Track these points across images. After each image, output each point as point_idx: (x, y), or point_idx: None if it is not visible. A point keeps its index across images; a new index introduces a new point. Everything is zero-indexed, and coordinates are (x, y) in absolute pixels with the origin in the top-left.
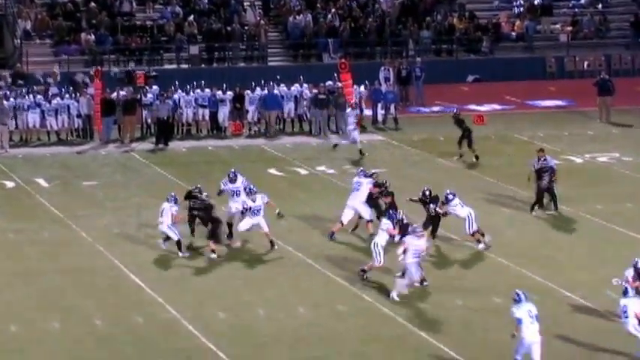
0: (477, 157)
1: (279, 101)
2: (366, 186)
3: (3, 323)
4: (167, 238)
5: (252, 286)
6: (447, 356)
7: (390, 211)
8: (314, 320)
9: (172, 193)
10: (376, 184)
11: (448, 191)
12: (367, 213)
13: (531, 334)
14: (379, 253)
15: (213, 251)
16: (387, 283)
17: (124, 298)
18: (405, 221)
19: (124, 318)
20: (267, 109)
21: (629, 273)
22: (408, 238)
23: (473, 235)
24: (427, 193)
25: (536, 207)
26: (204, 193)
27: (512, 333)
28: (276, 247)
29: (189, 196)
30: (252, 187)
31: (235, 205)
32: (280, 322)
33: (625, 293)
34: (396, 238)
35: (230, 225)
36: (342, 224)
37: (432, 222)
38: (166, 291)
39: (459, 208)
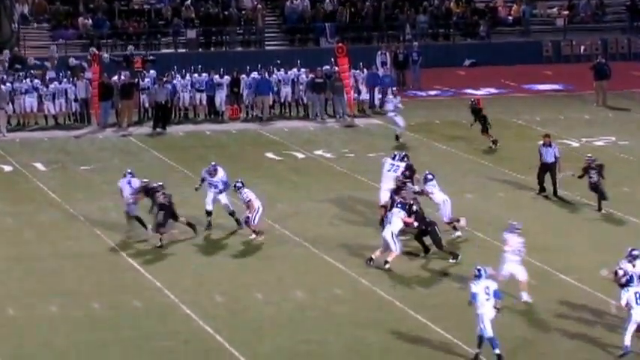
0: (495, 142)
1: (271, 86)
2: (400, 170)
3: (1, 307)
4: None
5: (250, 269)
6: (444, 340)
7: (401, 200)
8: (311, 304)
9: (129, 170)
10: (411, 168)
11: (428, 172)
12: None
13: (488, 309)
14: (396, 241)
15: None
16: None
17: (122, 282)
18: (416, 209)
19: (122, 302)
20: (259, 94)
21: (626, 265)
22: (509, 236)
23: (449, 223)
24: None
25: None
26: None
27: (468, 301)
28: (242, 226)
29: (150, 191)
30: (231, 182)
31: (212, 197)
32: (277, 305)
33: (630, 282)
34: (415, 224)
35: (209, 213)
36: (385, 208)
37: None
38: (164, 275)
39: (436, 191)
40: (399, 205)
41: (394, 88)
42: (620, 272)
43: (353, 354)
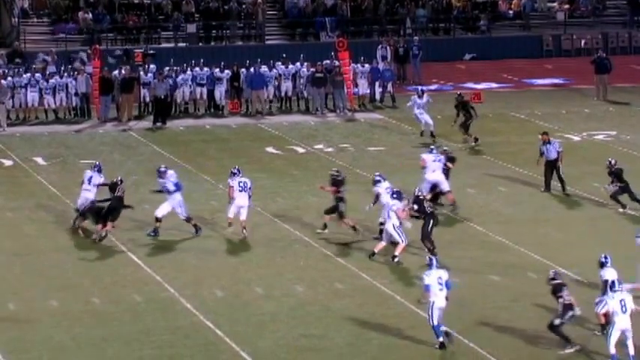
0: (476, 140)
1: (265, 81)
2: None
3: (1, 301)
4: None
5: (250, 264)
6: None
7: (398, 192)
8: (312, 299)
9: (98, 162)
10: (451, 160)
11: (377, 174)
12: (447, 184)
13: (440, 300)
14: (400, 233)
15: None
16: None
17: (122, 277)
18: (421, 197)
19: (123, 296)
20: (254, 89)
21: None
22: None
23: (382, 224)
24: (336, 173)
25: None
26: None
27: (418, 299)
28: (200, 230)
29: (113, 186)
30: (182, 183)
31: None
32: (278, 300)
33: (613, 287)
34: (407, 224)
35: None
36: (450, 192)
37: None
38: (164, 269)
39: (384, 193)
40: (394, 197)
41: (421, 89)
42: None
43: (353, 349)
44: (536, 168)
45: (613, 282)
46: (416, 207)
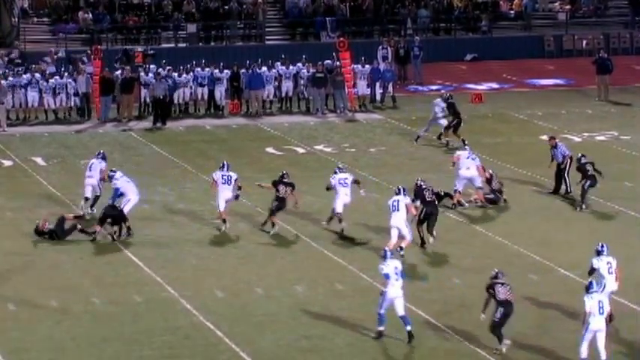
0: (464, 141)
1: (263, 81)
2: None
3: (1, 301)
4: (87, 200)
5: (250, 264)
6: (445, 335)
7: (404, 189)
8: (312, 299)
9: (101, 150)
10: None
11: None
12: (480, 181)
13: (395, 289)
14: (409, 228)
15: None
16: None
17: (122, 277)
18: (434, 191)
19: (123, 297)
20: (252, 89)
21: None
22: None
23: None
24: (282, 174)
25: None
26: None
27: (381, 290)
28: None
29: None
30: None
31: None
32: (278, 300)
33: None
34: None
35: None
36: (482, 188)
37: (278, 202)
38: (165, 269)
39: (337, 183)
40: (404, 193)
41: (449, 93)
42: None
43: (353, 349)
44: (538, 169)
45: (591, 283)
46: (418, 202)
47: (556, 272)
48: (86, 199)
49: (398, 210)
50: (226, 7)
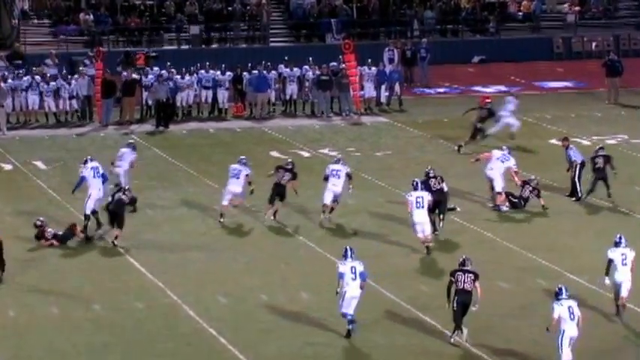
0: (459, 148)
1: (268, 83)
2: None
3: (1, 308)
4: (116, 185)
5: (254, 270)
6: (451, 341)
7: (420, 182)
8: (316, 305)
9: (131, 141)
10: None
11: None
12: (500, 185)
13: (352, 289)
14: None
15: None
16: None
17: (123, 283)
18: (438, 188)
19: (124, 303)
20: (257, 92)
21: None
22: None
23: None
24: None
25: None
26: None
27: (336, 290)
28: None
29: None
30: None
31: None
32: (282, 307)
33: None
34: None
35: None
36: (500, 194)
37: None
38: (167, 275)
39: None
40: (422, 187)
41: (514, 95)
42: None
43: (359, 356)
44: (548, 172)
45: (560, 289)
46: (430, 197)
47: (564, 277)
48: (94, 212)
49: (422, 207)
50: (229, 8)
